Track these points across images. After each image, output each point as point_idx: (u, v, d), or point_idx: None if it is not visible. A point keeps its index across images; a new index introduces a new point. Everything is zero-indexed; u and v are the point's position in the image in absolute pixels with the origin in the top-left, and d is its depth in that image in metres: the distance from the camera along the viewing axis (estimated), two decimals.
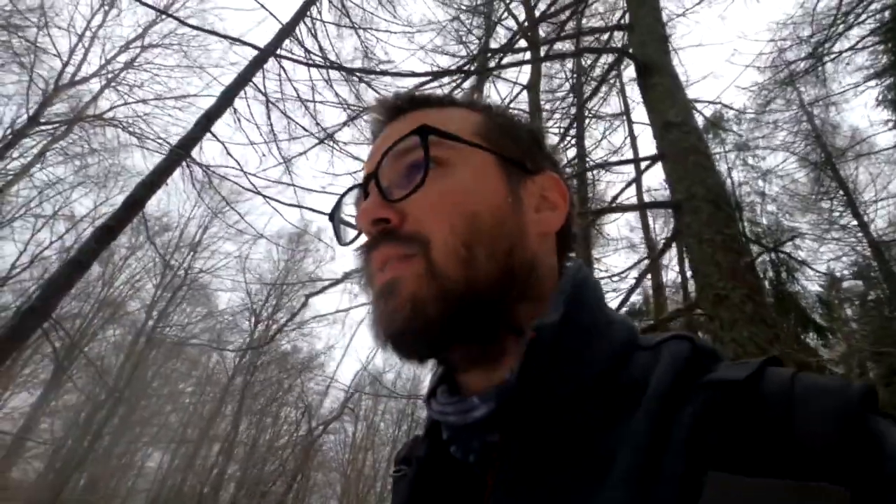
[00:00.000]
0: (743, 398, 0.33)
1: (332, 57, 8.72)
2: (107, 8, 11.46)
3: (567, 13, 4.73)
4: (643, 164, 3.92)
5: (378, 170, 0.49)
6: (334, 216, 0.55)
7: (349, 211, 0.56)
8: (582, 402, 0.39)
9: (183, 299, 20.09)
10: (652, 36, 3.14)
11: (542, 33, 4.84)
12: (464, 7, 7.51)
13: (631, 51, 3.19)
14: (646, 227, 8.34)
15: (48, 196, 13.98)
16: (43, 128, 10.35)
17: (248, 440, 18.87)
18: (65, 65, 10.50)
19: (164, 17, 10.65)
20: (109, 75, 11.49)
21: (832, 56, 7.61)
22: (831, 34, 7.46)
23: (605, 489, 0.32)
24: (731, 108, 10.15)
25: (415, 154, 0.48)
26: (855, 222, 11.36)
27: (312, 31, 8.55)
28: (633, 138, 7.25)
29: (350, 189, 0.56)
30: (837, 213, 11.48)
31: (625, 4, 4.16)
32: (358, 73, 6.49)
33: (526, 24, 4.50)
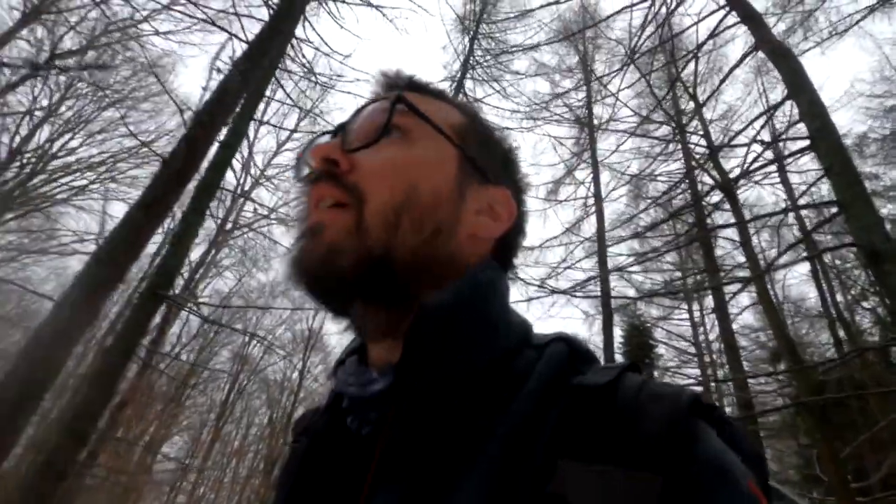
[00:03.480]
0: (600, 401, 0.38)
1: None
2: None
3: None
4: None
5: (350, 123, 0.54)
6: (301, 157, 0.56)
7: None
8: (469, 385, 0.42)
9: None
10: (871, 220, 3.71)
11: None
12: None
13: (853, 239, 3.88)
14: None
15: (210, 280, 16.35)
16: (228, 234, 12.44)
17: None
18: (240, 177, 12.62)
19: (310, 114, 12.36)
20: (265, 179, 13.54)
21: None
22: None
23: (476, 469, 0.37)
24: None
25: (385, 119, 0.50)
26: None
27: None
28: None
29: (324, 133, 0.58)
30: None
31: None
32: None
33: (721, 181, 5.33)
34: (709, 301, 10.99)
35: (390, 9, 8.04)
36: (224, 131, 5.68)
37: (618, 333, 12.12)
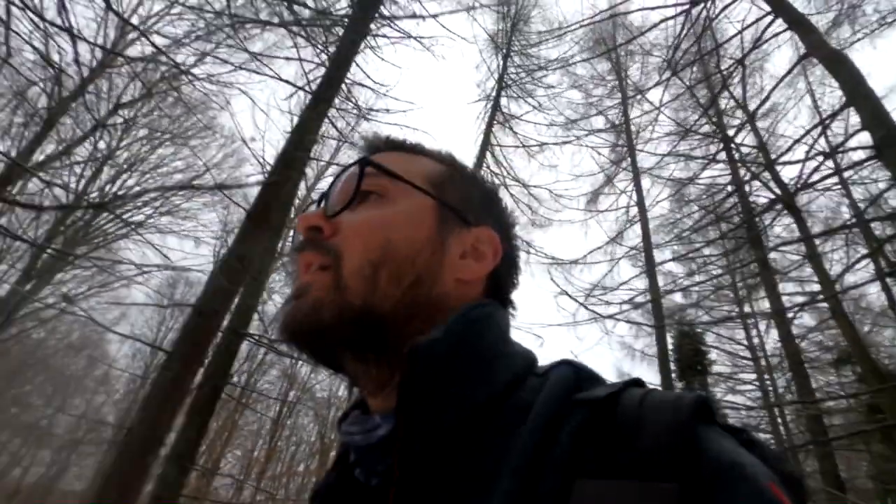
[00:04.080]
0: (604, 414, 0.38)
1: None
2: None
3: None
4: None
5: (331, 189, 0.58)
6: (295, 230, 0.61)
7: None
8: (472, 421, 0.42)
9: None
10: None
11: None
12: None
13: None
14: None
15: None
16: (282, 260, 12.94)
17: None
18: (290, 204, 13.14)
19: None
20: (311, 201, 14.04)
21: None
22: None
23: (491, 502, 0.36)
24: None
25: (355, 183, 0.54)
26: None
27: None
28: None
29: (311, 203, 0.77)
30: None
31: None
32: None
33: (782, 194, 5.29)
34: (764, 304, 10.71)
35: (427, 38, 8.30)
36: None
37: (668, 340, 11.91)
